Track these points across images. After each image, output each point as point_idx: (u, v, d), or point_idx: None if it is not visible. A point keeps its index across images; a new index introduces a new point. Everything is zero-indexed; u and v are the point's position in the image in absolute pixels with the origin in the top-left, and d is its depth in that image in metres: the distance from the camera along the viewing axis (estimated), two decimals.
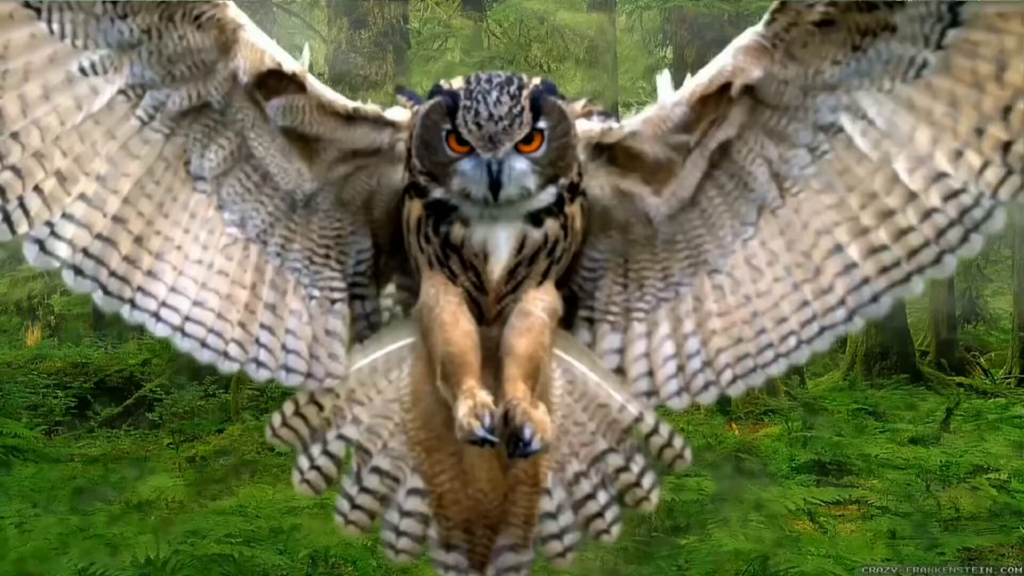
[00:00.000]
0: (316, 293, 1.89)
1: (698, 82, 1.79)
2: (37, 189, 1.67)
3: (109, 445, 8.25)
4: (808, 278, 1.78)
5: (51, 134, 1.67)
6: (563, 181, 1.78)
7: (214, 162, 1.81)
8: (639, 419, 1.91)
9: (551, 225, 1.80)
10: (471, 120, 1.69)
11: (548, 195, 1.77)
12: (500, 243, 1.79)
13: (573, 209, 1.82)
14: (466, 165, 1.73)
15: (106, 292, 1.75)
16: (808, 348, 1.82)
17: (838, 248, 1.75)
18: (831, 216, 1.75)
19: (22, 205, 1.66)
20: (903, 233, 1.70)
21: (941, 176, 1.66)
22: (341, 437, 1.90)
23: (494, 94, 1.70)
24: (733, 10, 9.36)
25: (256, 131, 1.81)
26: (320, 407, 1.89)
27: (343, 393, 1.90)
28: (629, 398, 1.91)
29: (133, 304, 1.76)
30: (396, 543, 1.91)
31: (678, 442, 1.93)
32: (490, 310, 1.85)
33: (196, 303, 1.79)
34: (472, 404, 1.71)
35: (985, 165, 1.64)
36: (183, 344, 1.79)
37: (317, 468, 1.89)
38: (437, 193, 1.77)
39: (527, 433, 1.68)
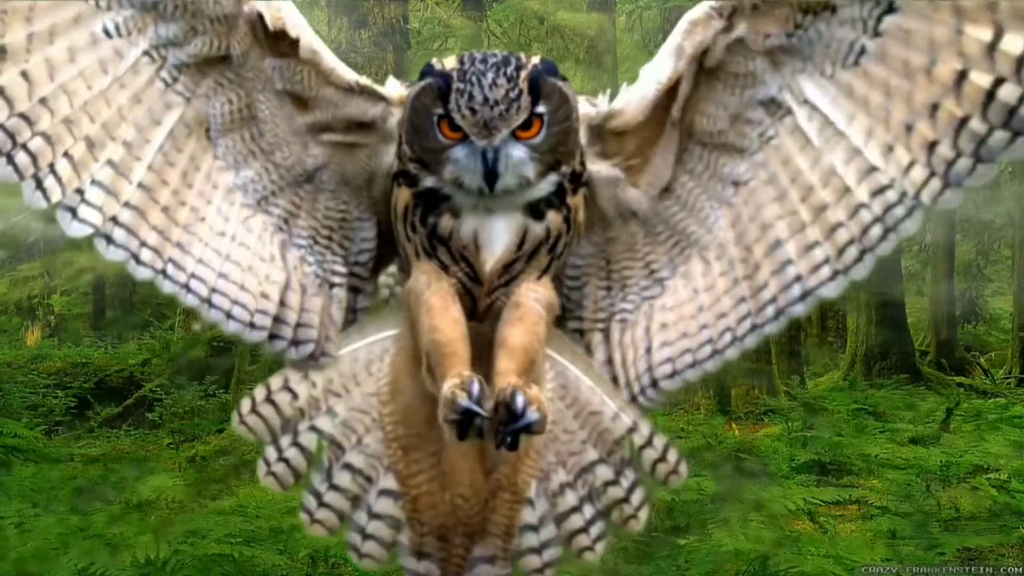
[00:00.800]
0: (320, 272, 1.84)
1: (665, 63, 1.74)
2: (67, 155, 1.65)
3: (109, 445, 8.25)
4: (748, 274, 1.77)
5: (79, 99, 1.65)
6: (565, 169, 1.70)
7: (221, 118, 1.76)
8: (633, 429, 1.82)
9: (553, 218, 1.72)
10: (464, 105, 1.60)
11: (548, 184, 1.69)
12: (494, 235, 1.71)
13: (576, 200, 1.74)
14: (459, 153, 1.64)
15: (138, 262, 1.74)
16: (739, 345, 1.80)
17: (777, 243, 1.74)
18: (774, 210, 1.74)
19: (54, 172, 1.64)
20: (833, 229, 1.70)
21: (872, 170, 1.67)
22: (314, 429, 1.81)
23: (489, 76, 1.60)
24: None
25: (265, 94, 1.77)
26: (294, 395, 1.81)
27: (320, 382, 1.82)
28: (623, 406, 1.83)
29: (165, 274, 1.75)
30: (361, 547, 1.81)
31: (673, 456, 1.83)
32: (482, 301, 1.76)
33: (221, 275, 1.77)
34: (459, 380, 1.59)
35: (912, 163, 1.64)
36: (211, 315, 1.78)
37: (285, 461, 1.80)
38: (428, 182, 1.69)
39: (519, 402, 1.54)
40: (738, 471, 7.16)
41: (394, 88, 1.81)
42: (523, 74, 1.62)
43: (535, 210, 1.71)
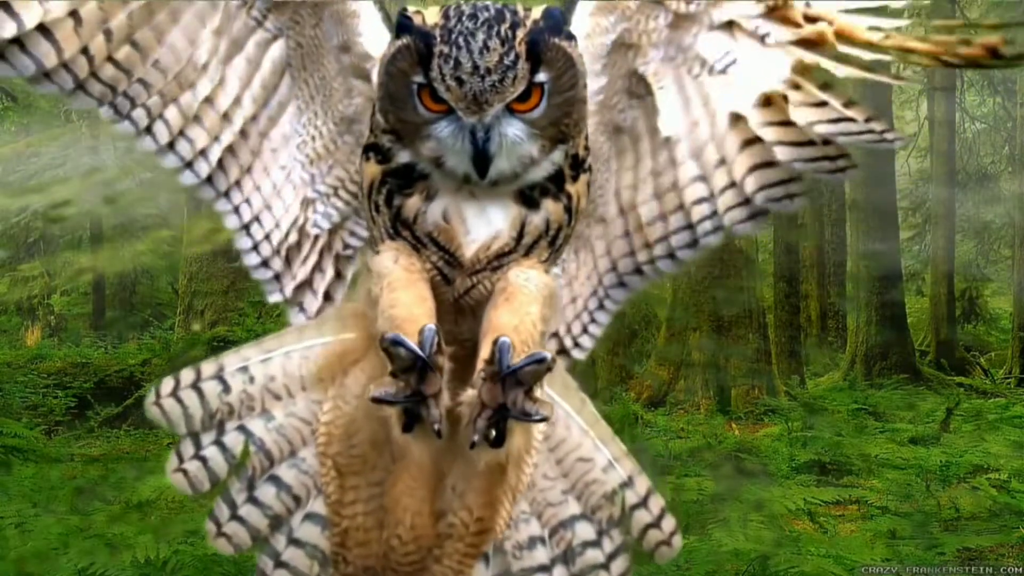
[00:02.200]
0: (322, 222, 1.70)
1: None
2: (176, 103, 1.59)
3: (109, 445, 8.25)
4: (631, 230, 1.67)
5: (183, 54, 1.58)
6: (568, 147, 1.47)
7: (298, 56, 1.66)
8: (627, 484, 1.58)
9: (552, 208, 1.49)
10: (450, 73, 1.35)
11: (550, 164, 1.46)
12: (478, 220, 1.48)
13: (578, 187, 1.51)
14: (443, 130, 1.41)
15: (210, 181, 1.65)
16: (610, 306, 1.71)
17: (633, 206, 1.66)
18: (631, 174, 1.66)
19: (164, 120, 1.59)
20: (671, 212, 1.64)
21: (700, 178, 1.61)
22: (242, 430, 1.56)
23: (480, 37, 1.34)
24: None
25: (321, 29, 1.65)
26: (226, 387, 1.57)
27: (260, 378, 1.57)
28: (620, 455, 1.60)
29: (227, 195, 1.66)
30: (272, 575, 1.56)
31: (668, 524, 1.59)
32: (461, 283, 1.51)
33: (266, 206, 1.67)
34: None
35: (730, 185, 1.58)
36: (240, 242, 1.68)
37: (202, 460, 1.56)
38: (403, 157, 1.46)
39: (505, 342, 1.31)
40: (738, 471, 7.16)
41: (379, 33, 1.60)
42: (520, 34, 1.36)
43: (527, 198, 1.48)
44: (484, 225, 1.48)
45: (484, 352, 1.36)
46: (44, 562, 4.80)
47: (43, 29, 1.47)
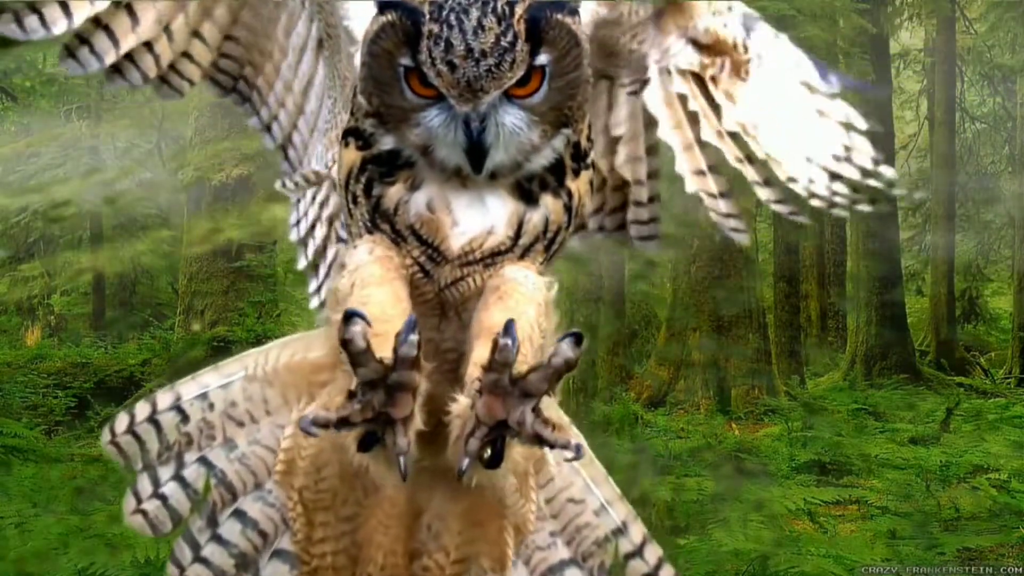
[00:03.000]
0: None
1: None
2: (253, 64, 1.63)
3: None
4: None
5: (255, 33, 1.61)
6: (571, 134, 1.34)
7: (330, 29, 1.62)
8: (621, 531, 1.47)
9: (552, 206, 1.35)
10: (440, 57, 1.22)
11: (551, 151, 1.33)
12: (468, 212, 1.33)
13: (579, 184, 1.37)
14: (434, 118, 1.28)
15: (268, 129, 1.69)
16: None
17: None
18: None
19: (247, 81, 1.64)
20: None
21: (624, 185, 1.62)
22: (203, 461, 1.44)
23: (474, 15, 1.21)
24: None
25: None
26: (184, 417, 1.45)
27: (220, 404, 1.45)
28: (614, 499, 1.47)
29: (269, 130, 1.69)
30: None
31: (666, 574, 1.47)
32: (446, 276, 1.34)
33: (296, 127, 1.68)
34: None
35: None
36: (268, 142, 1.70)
37: (162, 498, 1.45)
38: (387, 143, 1.33)
39: (507, 343, 1.14)
40: (738, 471, 7.16)
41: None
42: (519, 11, 1.23)
43: (525, 191, 1.34)
44: (477, 217, 1.32)
45: (479, 354, 1.20)
46: (44, 562, 4.80)
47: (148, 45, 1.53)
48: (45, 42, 1.47)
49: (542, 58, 1.25)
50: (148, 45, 1.53)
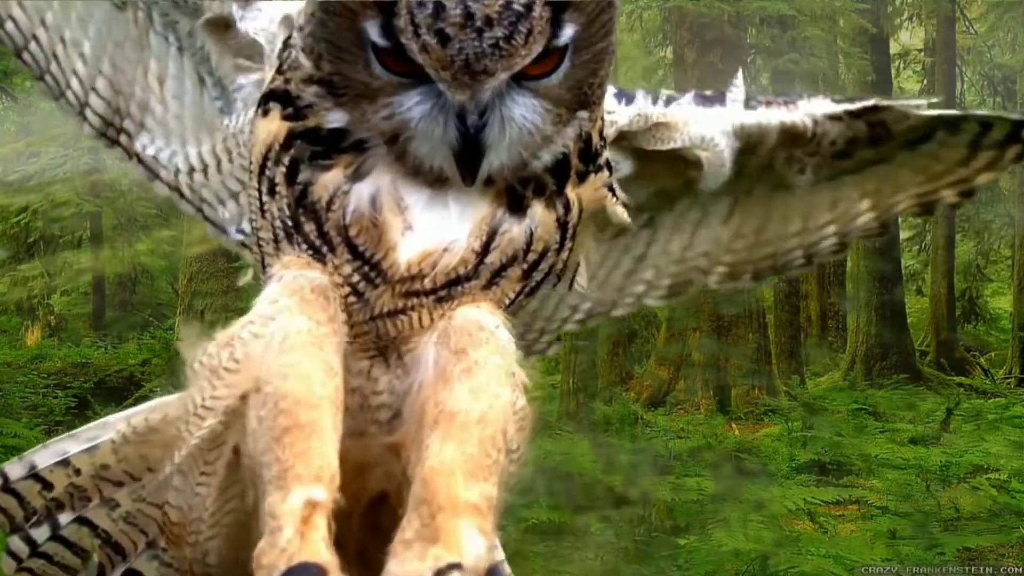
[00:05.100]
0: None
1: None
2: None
3: None
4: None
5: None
6: (587, 117, 1.02)
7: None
8: None
9: (542, 217, 1.02)
10: (427, 23, 0.88)
11: (561, 143, 1.01)
12: (428, 215, 1.00)
13: (584, 194, 1.05)
14: (413, 108, 0.95)
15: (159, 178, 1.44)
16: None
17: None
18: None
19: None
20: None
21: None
22: (82, 521, 1.25)
23: None
24: (733, 10, 9.36)
25: None
26: (46, 485, 1.25)
27: (87, 468, 1.23)
28: None
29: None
30: None
31: None
32: (382, 303, 1.01)
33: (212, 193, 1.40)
34: (306, 503, 0.87)
35: None
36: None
37: (45, 556, 1.26)
38: (334, 119, 0.99)
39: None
40: (738, 471, 7.15)
41: None
42: None
43: (513, 193, 1.01)
44: (436, 222, 1.00)
45: (435, 456, 0.88)
46: None
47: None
48: None
49: (568, 28, 0.92)
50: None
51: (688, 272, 1.43)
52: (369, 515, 1.04)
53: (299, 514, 0.87)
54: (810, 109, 1.25)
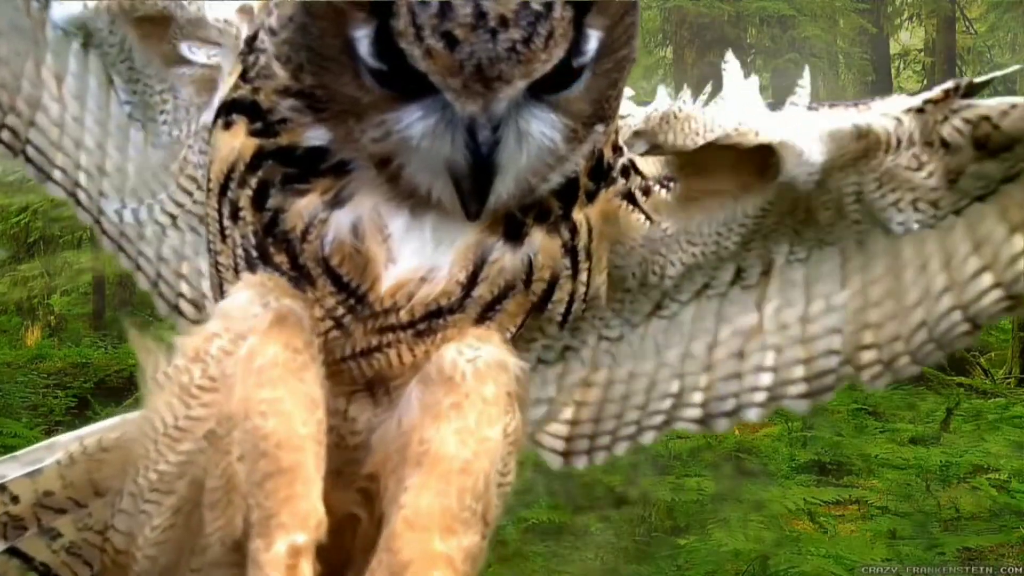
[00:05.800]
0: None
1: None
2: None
3: None
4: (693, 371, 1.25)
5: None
6: (602, 133, 0.92)
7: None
8: None
9: (543, 244, 0.92)
10: (431, 24, 0.76)
11: (574, 164, 0.91)
12: (409, 241, 0.90)
13: (594, 214, 0.95)
14: (413, 125, 0.83)
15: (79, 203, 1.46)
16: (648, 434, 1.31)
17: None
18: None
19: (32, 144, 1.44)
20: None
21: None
22: (13, 553, 1.16)
23: None
24: (733, 10, 9.37)
25: None
26: None
27: (28, 495, 1.16)
28: None
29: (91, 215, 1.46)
30: None
31: None
32: (360, 339, 0.93)
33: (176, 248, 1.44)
34: (290, 549, 0.82)
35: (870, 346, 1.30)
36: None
37: None
38: (313, 136, 0.88)
39: None
40: (738, 471, 7.15)
41: None
42: None
43: (512, 222, 0.91)
44: (413, 249, 0.90)
45: (414, 499, 0.84)
46: None
47: None
48: None
49: (593, 32, 0.81)
50: None
51: (820, 358, 1.24)
52: (337, 534, 0.97)
53: (284, 563, 0.82)
54: (885, 108, 1.11)
